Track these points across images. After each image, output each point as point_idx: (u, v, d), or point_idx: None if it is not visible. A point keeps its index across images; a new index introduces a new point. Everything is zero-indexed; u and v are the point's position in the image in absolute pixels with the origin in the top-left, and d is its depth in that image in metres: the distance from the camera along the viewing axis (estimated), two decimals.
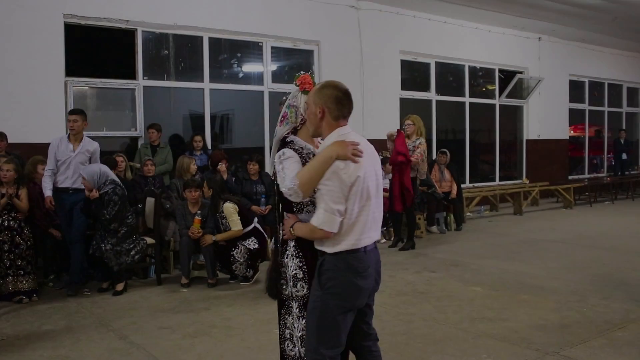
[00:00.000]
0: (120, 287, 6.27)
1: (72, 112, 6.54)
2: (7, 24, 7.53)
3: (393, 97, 11.64)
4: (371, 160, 2.85)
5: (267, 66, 10.09)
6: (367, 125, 10.56)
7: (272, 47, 10.15)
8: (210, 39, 9.43)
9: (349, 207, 2.73)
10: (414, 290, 6.25)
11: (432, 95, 12.52)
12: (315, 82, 3.06)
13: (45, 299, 6.08)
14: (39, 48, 7.74)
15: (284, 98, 3.19)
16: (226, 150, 8.57)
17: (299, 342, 2.98)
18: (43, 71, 7.78)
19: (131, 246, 6.32)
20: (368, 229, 2.80)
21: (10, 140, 7.18)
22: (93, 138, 6.75)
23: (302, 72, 3.13)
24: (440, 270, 7.26)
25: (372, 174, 2.81)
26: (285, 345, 3.07)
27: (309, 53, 10.66)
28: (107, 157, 7.06)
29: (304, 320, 2.95)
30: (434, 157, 11.11)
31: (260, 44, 10.04)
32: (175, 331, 4.98)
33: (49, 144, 6.48)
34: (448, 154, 10.64)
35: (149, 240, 6.76)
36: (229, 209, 6.57)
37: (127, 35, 8.62)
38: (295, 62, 10.79)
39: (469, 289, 6.27)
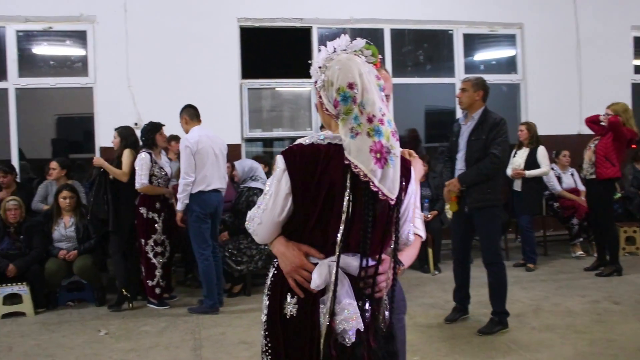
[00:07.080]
0: (237, 289, 6.06)
1: None
2: (186, 32, 7.90)
3: (623, 82, 9.68)
4: None
5: (458, 57, 9.13)
6: (585, 115, 8.90)
7: (465, 35, 9.17)
8: (392, 30, 8.85)
9: None
10: (566, 325, 4.86)
11: None
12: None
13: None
14: (215, 53, 8.00)
15: None
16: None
17: None
18: (220, 75, 8.01)
19: (254, 252, 6.07)
20: None
21: None
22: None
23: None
24: (628, 302, 5.58)
25: None
26: None
27: (510, 38, 9.40)
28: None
29: None
30: None
31: (450, 32, 9.13)
32: (252, 347, 4.47)
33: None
34: None
35: None
36: None
37: (302, 34, 8.51)
38: (493, 50, 9.63)
39: None
